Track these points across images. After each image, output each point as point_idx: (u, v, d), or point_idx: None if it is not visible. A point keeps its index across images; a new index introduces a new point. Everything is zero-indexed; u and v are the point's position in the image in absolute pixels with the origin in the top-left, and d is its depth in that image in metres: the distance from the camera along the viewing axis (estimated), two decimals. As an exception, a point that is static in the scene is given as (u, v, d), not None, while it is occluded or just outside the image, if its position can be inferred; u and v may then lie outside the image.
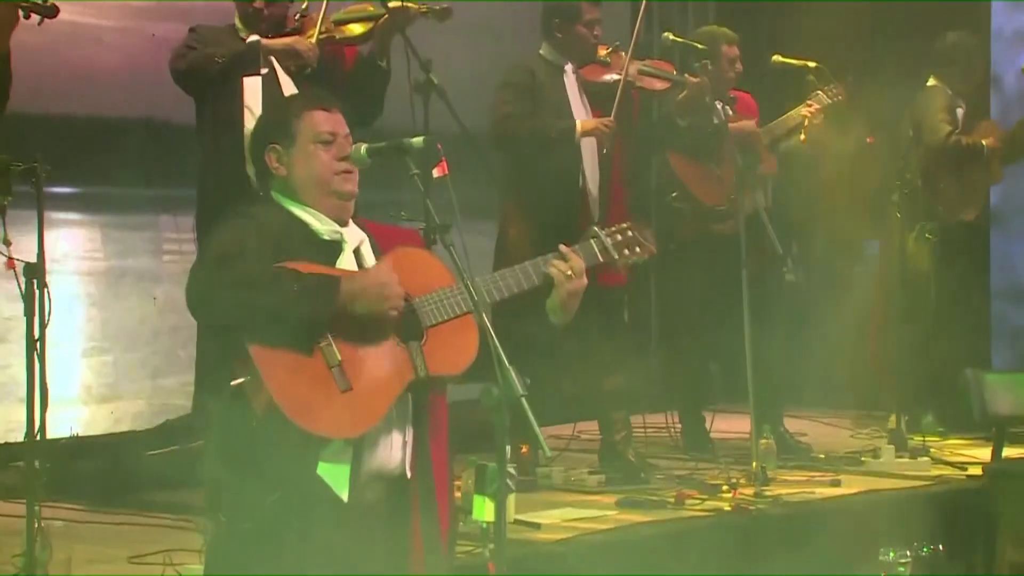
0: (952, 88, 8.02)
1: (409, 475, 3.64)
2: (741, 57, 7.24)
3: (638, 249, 3.93)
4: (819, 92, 7.35)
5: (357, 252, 3.72)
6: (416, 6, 5.69)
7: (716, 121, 6.67)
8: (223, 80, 5.64)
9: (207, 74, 5.66)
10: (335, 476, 3.50)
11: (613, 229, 3.94)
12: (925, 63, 8.15)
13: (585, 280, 3.82)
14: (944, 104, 7.97)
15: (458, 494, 5.16)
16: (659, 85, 6.69)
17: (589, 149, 6.50)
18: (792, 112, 7.37)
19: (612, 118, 6.43)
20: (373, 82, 5.77)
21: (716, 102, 6.87)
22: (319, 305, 3.47)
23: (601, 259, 3.88)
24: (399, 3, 5.63)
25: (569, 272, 3.78)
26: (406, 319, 3.64)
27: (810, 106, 7.32)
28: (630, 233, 3.94)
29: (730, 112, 7.23)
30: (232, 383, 3.43)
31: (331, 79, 5.66)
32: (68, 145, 6.60)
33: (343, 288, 3.51)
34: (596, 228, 3.93)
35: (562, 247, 3.85)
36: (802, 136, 7.36)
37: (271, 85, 5.61)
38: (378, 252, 3.75)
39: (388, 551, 3.63)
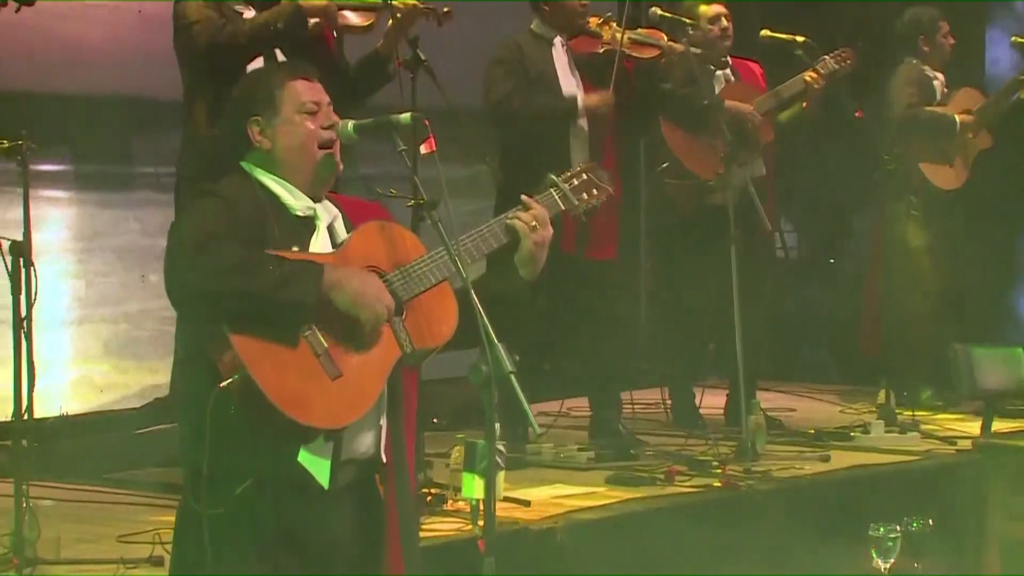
0: (924, 62, 7.99)
1: (384, 459, 3.62)
2: (729, 16, 7.20)
3: (595, 191, 3.84)
4: (826, 58, 7.28)
5: (331, 229, 3.67)
6: (421, 6, 5.63)
7: (708, 96, 6.63)
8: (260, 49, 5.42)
9: (263, 44, 5.40)
10: (316, 466, 3.46)
11: (569, 174, 3.85)
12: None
13: (550, 230, 3.72)
14: (913, 78, 7.93)
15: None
16: (650, 53, 6.66)
17: (580, 125, 6.48)
18: (795, 78, 7.30)
19: (610, 92, 6.39)
20: (374, 83, 5.70)
21: (714, 70, 6.84)
22: (303, 291, 3.41)
23: (562, 207, 3.78)
24: (408, 4, 5.57)
25: (533, 223, 3.69)
26: None
27: (814, 72, 7.27)
28: (586, 176, 3.85)
29: (732, 79, 7.19)
30: (220, 385, 3.39)
31: (316, 57, 5.57)
32: (54, 122, 6.57)
33: (326, 276, 3.45)
34: (553, 176, 3.84)
35: (523, 197, 3.76)
36: (803, 104, 7.33)
37: (270, 58, 5.53)
38: (350, 227, 3.69)
39: (363, 535, 3.60)
